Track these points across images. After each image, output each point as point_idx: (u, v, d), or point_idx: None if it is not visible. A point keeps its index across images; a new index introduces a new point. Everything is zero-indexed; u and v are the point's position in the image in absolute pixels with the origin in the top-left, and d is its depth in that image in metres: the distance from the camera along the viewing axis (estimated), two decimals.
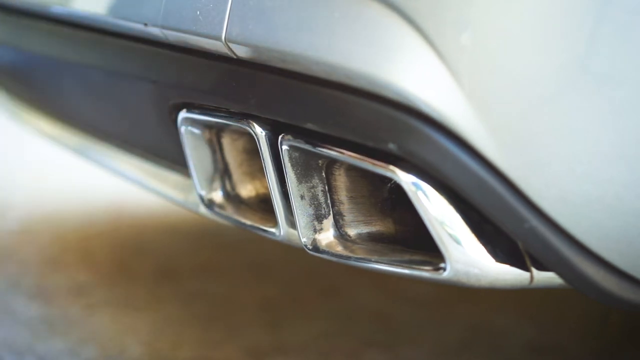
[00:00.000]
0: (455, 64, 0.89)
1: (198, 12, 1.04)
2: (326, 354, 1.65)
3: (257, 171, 1.22)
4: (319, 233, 1.09)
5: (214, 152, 1.20)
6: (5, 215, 2.35)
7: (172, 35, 1.10)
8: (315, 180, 1.07)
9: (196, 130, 1.18)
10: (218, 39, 1.02)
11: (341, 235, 1.09)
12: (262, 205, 1.23)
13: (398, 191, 0.99)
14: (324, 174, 1.07)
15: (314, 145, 1.02)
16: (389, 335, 1.74)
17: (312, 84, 0.97)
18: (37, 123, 1.72)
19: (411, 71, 0.90)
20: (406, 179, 0.95)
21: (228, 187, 1.23)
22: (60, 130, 1.65)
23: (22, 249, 2.11)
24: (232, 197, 1.23)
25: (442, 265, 0.98)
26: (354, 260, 1.07)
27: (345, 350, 1.67)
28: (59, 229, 2.24)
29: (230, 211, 1.22)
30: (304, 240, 1.08)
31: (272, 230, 1.15)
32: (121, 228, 2.25)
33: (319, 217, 1.08)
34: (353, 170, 1.07)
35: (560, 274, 0.98)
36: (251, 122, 1.07)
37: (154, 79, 1.20)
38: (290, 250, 1.29)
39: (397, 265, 1.03)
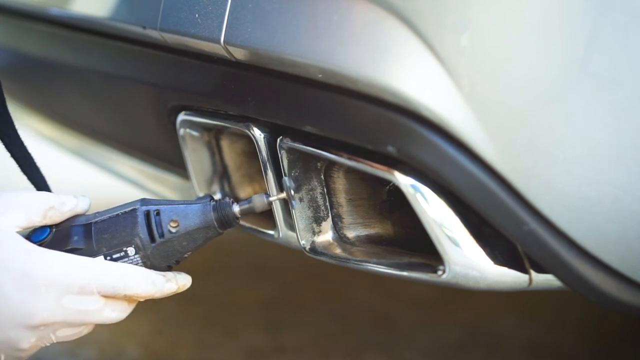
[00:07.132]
0: (453, 67, 0.89)
1: (197, 15, 1.04)
2: (325, 355, 1.65)
3: (255, 173, 1.22)
4: (318, 235, 1.09)
5: (212, 154, 1.20)
6: None
7: (171, 38, 1.10)
8: (314, 183, 1.07)
9: (195, 133, 1.18)
10: (217, 41, 1.02)
11: (340, 238, 1.09)
12: None
13: (397, 194, 0.99)
14: (322, 176, 1.07)
15: (313, 148, 1.02)
16: (388, 336, 1.74)
17: (311, 87, 0.97)
18: (37, 125, 1.72)
19: (410, 74, 0.90)
20: (405, 182, 0.95)
21: (227, 189, 1.23)
22: (59, 132, 1.65)
23: None
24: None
25: (440, 267, 0.98)
26: (353, 263, 1.07)
27: (345, 351, 1.67)
28: None
29: None
30: (303, 242, 1.08)
31: (271, 232, 1.15)
32: None
33: (318, 220, 1.08)
34: (352, 173, 1.07)
35: (559, 276, 0.97)
36: (250, 124, 1.07)
37: (153, 81, 1.20)
38: (289, 252, 1.29)
39: (396, 267, 1.03)
